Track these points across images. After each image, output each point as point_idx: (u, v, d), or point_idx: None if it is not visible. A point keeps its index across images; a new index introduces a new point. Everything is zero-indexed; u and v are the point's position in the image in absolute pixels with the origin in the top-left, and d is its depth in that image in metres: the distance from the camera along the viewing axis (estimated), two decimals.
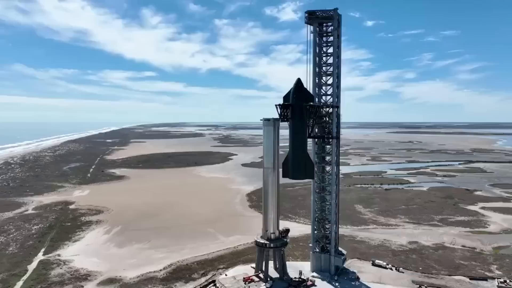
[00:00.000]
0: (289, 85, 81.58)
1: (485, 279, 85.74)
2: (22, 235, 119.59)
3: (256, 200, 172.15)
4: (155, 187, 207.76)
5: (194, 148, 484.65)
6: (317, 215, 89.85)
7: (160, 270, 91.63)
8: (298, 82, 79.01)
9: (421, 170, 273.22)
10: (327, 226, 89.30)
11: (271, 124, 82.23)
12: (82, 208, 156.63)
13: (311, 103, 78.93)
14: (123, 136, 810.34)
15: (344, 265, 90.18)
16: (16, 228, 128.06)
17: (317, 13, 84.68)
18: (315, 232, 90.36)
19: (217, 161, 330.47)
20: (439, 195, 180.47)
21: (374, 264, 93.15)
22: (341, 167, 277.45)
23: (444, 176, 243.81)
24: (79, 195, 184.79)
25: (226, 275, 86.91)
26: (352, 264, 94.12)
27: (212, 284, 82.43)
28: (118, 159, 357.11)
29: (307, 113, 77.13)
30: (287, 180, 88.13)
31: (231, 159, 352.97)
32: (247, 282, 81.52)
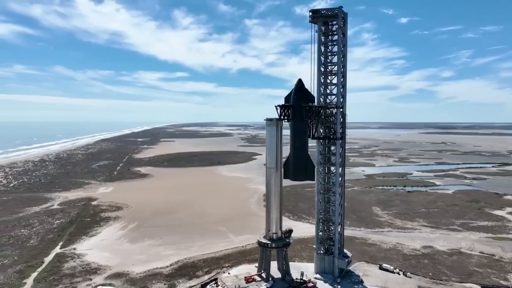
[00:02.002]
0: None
1: (498, 287, 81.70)
2: (44, 229, 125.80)
3: None
4: (175, 185, 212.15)
5: (220, 147, 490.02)
6: (321, 216, 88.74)
7: (167, 267, 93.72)
8: (299, 83, 78.52)
9: (450, 172, 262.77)
10: (332, 228, 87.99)
11: (274, 124, 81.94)
12: (103, 204, 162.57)
13: (311, 104, 78.08)
14: (154, 135, 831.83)
15: (349, 268, 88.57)
16: (40, 222, 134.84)
17: (322, 12, 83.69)
18: (320, 233, 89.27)
19: (241, 161, 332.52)
20: (464, 199, 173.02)
21: (381, 268, 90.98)
22: (365, 168, 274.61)
23: (474, 179, 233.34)
24: (103, 192, 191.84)
25: (229, 273, 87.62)
26: (359, 267, 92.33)
27: (213, 282, 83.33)
28: (145, 157, 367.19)
29: (306, 114, 76.39)
30: (306, 181, 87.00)
31: (255, 158, 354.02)
32: (248, 282, 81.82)
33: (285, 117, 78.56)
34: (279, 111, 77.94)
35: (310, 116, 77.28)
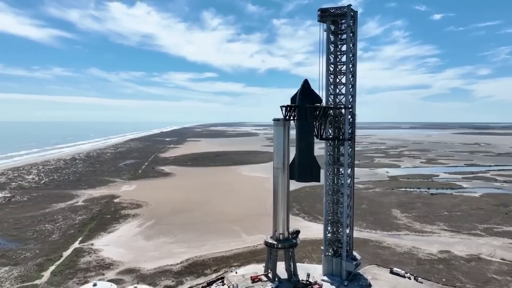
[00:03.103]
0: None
1: None
2: (66, 224, 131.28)
3: (290, 200, 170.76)
4: (196, 184, 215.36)
5: (244, 147, 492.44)
6: (329, 217, 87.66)
7: (177, 264, 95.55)
8: (305, 83, 77.96)
9: (479, 174, 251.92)
10: (340, 229, 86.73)
11: (281, 124, 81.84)
12: (124, 202, 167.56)
13: (317, 104, 77.30)
14: (181, 135, 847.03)
15: (359, 271, 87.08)
16: (64, 217, 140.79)
17: (331, 10, 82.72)
18: (328, 235, 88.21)
19: (263, 161, 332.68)
20: (491, 202, 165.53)
21: (392, 272, 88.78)
22: (389, 169, 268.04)
23: (505, 181, 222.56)
24: (126, 190, 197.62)
25: (236, 272, 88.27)
26: (369, 271, 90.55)
27: (220, 281, 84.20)
28: (170, 156, 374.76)
29: (311, 114, 75.68)
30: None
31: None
32: (254, 281, 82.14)
33: (291, 118, 78.11)
34: (284, 111, 77.58)
35: (315, 116, 76.44)
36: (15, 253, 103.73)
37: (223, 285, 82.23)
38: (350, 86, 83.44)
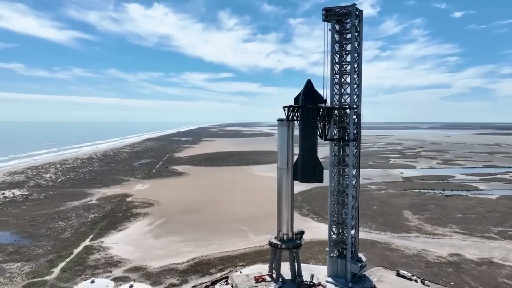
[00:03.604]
0: (366, 84, 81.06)
1: None
2: (79, 222, 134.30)
3: (300, 201, 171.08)
4: (207, 184, 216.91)
5: (258, 147, 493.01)
6: (334, 218, 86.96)
7: (183, 263, 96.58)
8: (308, 83, 77.66)
9: (498, 176, 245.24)
10: (345, 231, 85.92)
11: (285, 124, 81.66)
12: (136, 201, 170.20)
13: (320, 105, 76.84)
14: (197, 135, 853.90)
15: (364, 273, 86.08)
16: (77, 215, 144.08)
17: (336, 9, 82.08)
18: (333, 236, 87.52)
19: (276, 161, 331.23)
20: (508, 205, 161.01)
21: (398, 274, 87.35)
22: (404, 170, 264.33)
23: None
24: (139, 189, 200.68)
25: (241, 272, 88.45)
26: (375, 273, 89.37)
27: (224, 280, 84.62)
28: (184, 156, 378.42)
29: (313, 115, 75.26)
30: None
31: None
32: (258, 281, 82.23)
33: (293, 118, 77.91)
34: (286, 112, 77.41)
35: (318, 117, 76.00)
36: (28, 249, 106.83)
37: (226, 284, 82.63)
38: (356, 86, 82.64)
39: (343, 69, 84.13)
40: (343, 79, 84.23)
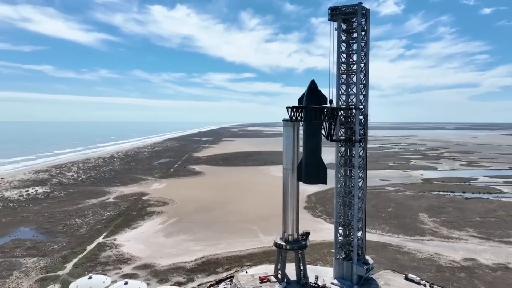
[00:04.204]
0: (390, 83, 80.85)
1: None
2: (94, 220, 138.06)
3: (315, 201, 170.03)
4: (223, 183, 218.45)
5: (277, 147, 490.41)
6: (341, 220, 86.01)
7: (191, 261, 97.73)
8: (312, 84, 77.08)
9: None
10: (352, 232, 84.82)
11: (290, 124, 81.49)
12: (152, 199, 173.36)
13: (324, 105, 76.21)
14: (217, 135, 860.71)
15: (372, 276, 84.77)
16: (93, 213, 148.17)
17: (342, 8, 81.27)
18: (340, 238, 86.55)
19: None
20: None
21: (406, 278, 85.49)
22: (424, 172, 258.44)
23: None
24: (155, 188, 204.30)
25: (246, 272, 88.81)
26: (383, 276, 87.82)
27: (229, 280, 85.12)
28: (203, 156, 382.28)
29: (316, 115, 74.66)
30: (376, 182, 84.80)
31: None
32: (263, 281, 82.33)
33: (297, 119, 77.58)
34: (289, 112, 77.15)
35: (321, 118, 75.36)
36: (44, 245, 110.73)
37: (231, 284, 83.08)
38: (362, 86, 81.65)
39: (350, 68, 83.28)
40: (350, 79, 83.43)
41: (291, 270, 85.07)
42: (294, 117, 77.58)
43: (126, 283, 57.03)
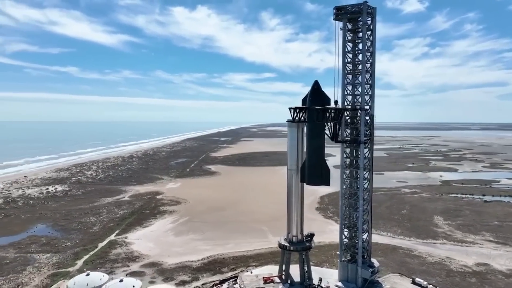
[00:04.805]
0: (413, 82, 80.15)
1: None
2: (108, 218, 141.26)
3: (327, 202, 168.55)
4: (237, 183, 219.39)
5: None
6: (346, 222, 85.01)
7: (198, 261, 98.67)
8: (315, 85, 76.58)
9: None
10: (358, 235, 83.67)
11: (295, 125, 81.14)
12: (166, 198, 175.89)
13: (327, 106, 75.54)
14: (236, 135, 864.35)
15: (378, 279, 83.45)
16: (108, 211, 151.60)
17: (347, 8, 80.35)
18: (345, 240, 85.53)
19: None
20: None
21: (413, 282, 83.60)
22: (444, 173, 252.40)
23: None
24: (170, 187, 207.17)
25: (251, 272, 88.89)
26: (389, 279, 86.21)
27: (233, 280, 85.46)
28: (220, 156, 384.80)
29: (319, 116, 74.06)
30: (392, 184, 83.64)
31: (327, 159, 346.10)
32: (266, 282, 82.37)
33: (300, 120, 77.24)
34: (292, 113, 76.89)
35: (324, 119, 74.76)
36: (58, 241, 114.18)
37: (235, 283, 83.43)
38: (369, 86, 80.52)
39: (356, 68, 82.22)
40: (356, 79, 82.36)
41: (296, 271, 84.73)
42: (297, 118, 77.34)
43: (121, 280, 58.22)
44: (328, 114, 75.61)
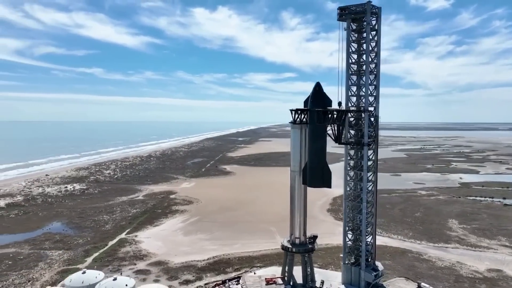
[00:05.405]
0: (438, 81, 79.53)
1: None
2: (121, 216, 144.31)
3: (339, 204, 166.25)
4: (251, 183, 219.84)
5: None
6: (350, 224, 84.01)
7: (203, 260, 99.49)
8: (316, 86, 76.14)
9: None
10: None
11: (298, 127, 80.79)
12: (178, 198, 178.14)
13: (329, 108, 74.93)
14: (255, 135, 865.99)
15: (382, 282, 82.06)
16: (121, 210, 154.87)
17: (351, 8, 79.43)
18: (348, 242, 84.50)
19: (329, 162, 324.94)
20: None
21: (419, 287, 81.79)
22: (464, 175, 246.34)
23: None
24: (184, 187, 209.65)
25: (254, 273, 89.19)
26: (394, 283, 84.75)
27: (235, 280, 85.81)
28: (236, 156, 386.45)
29: (319, 118, 73.50)
30: (408, 186, 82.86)
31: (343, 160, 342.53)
32: (268, 283, 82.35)
33: (302, 122, 76.94)
34: (293, 115, 76.68)
35: (325, 120, 74.18)
36: (71, 239, 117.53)
37: (237, 284, 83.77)
38: (373, 87, 79.41)
39: (361, 69, 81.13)
40: (361, 80, 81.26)
41: (300, 273, 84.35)
42: (298, 120, 77.05)
43: (115, 279, 59.42)
44: (329, 116, 75.02)
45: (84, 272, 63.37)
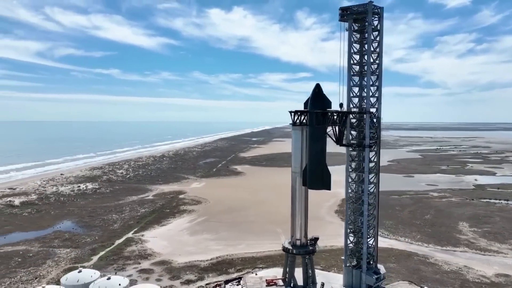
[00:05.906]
0: (457, 80, 78.85)
1: None
2: (130, 216, 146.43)
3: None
4: (261, 184, 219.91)
5: (328, 148, 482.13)
6: (351, 227, 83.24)
7: (206, 260, 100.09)
8: (316, 88, 75.72)
9: None
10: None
11: (299, 128, 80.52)
12: (187, 198, 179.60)
13: (329, 110, 74.49)
14: (269, 135, 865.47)
15: (384, 285, 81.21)
16: (130, 209, 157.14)
17: (353, 8, 78.77)
18: (350, 245, 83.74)
19: (339, 163, 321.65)
20: None
21: None
22: (479, 177, 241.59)
23: None
24: (194, 187, 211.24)
25: (256, 274, 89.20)
26: (397, 287, 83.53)
27: (236, 281, 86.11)
28: (248, 156, 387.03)
29: (318, 120, 73.10)
30: (421, 187, 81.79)
31: None
32: (269, 285, 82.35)
33: (301, 123, 76.69)
34: (292, 117, 76.52)
35: (324, 122, 73.75)
36: (79, 237, 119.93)
37: (238, 285, 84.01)
38: (375, 88, 78.57)
39: (363, 70, 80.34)
40: (363, 81, 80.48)
41: (301, 274, 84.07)
42: (298, 122, 76.81)
43: (109, 278, 60.36)
44: (329, 118, 74.51)
45: (80, 271, 64.62)
